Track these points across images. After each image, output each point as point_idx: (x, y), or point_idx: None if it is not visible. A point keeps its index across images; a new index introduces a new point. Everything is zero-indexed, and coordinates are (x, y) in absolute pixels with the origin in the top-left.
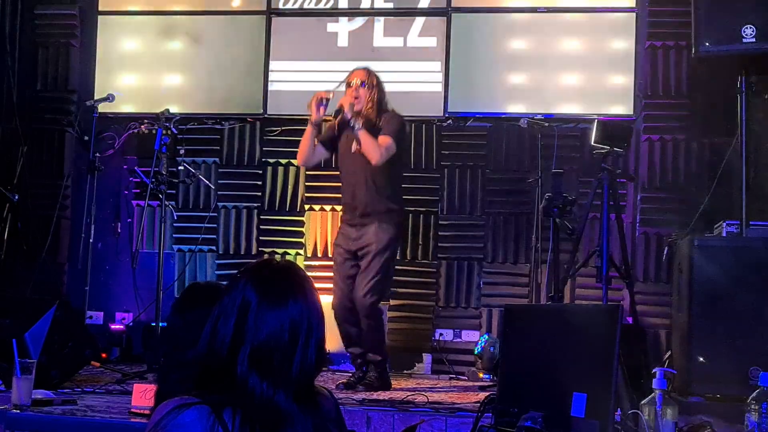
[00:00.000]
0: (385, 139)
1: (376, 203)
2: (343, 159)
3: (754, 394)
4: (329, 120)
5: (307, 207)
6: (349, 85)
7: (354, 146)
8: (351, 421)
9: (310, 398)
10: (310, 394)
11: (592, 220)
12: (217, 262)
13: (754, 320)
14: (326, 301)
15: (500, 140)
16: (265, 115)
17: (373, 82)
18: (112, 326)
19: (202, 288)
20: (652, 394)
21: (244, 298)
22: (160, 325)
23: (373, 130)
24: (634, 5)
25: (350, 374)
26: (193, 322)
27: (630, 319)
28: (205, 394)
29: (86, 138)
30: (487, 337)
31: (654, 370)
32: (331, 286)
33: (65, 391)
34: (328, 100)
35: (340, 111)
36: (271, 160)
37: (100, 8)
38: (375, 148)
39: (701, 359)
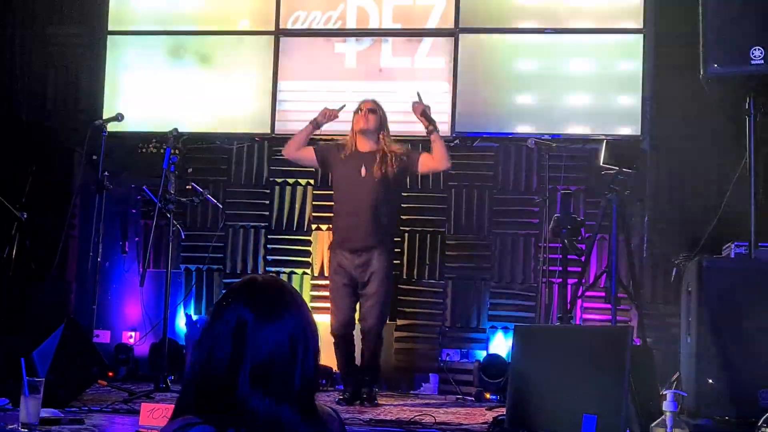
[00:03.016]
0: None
1: (382, 231)
2: (347, 185)
3: (764, 417)
4: (330, 141)
5: (314, 227)
6: (359, 111)
7: (364, 169)
8: None
9: (314, 414)
10: (314, 410)
11: (600, 240)
12: (224, 281)
13: (764, 342)
14: (320, 320)
15: (508, 160)
16: (273, 135)
17: (381, 113)
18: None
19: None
20: (663, 416)
21: (239, 318)
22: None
23: (386, 161)
24: (641, 26)
25: (341, 392)
26: None
27: (638, 340)
28: (207, 415)
29: (95, 157)
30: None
31: (664, 392)
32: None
33: (72, 410)
34: (335, 117)
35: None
36: (279, 180)
37: (110, 28)
38: (447, 153)
39: (710, 381)
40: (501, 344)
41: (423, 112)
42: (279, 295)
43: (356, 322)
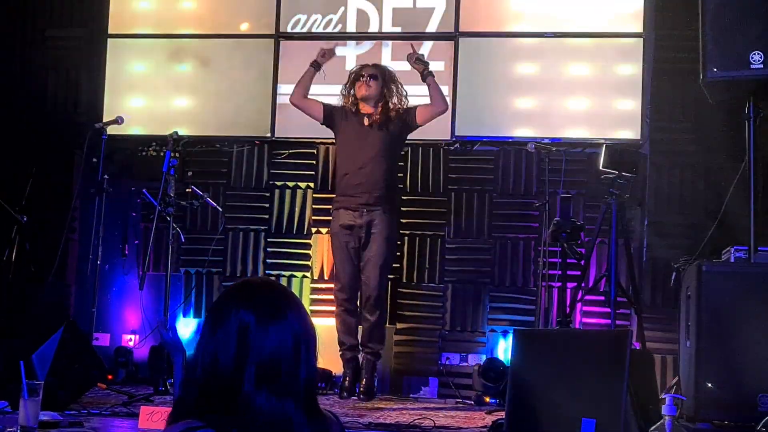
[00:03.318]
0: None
1: (386, 187)
2: (352, 141)
3: (763, 421)
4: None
5: (314, 230)
6: (359, 77)
7: (368, 128)
8: None
9: (318, 413)
10: (317, 409)
11: (600, 244)
12: (224, 284)
13: (763, 346)
14: (323, 323)
15: (508, 164)
16: (273, 138)
17: (385, 77)
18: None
19: None
20: (661, 421)
21: (240, 322)
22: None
23: (389, 119)
24: (641, 30)
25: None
26: None
27: (638, 345)
28: (209, 417)
29: (95, 160)
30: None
31: (663, 396)
32: (333, 308)
33: (72, 413)
34: (333, 54)
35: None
36: (279, 183)
37: (110, 31)
38: (443, 95)
39: (709, 385)
40: (500, 348)
41: (417, 59)
42: (278, 295)
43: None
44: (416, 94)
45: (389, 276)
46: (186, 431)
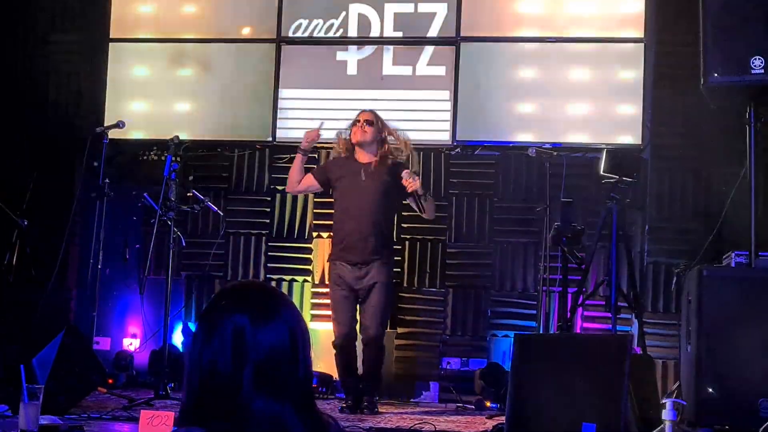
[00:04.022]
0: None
1: (383, 241)
2: (348, 196)
3: (763, 426)
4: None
5: (315, 234)
6: (355, 123)
7: (364, 179)
8: None
9: (316, 417)
10: (315, 413)
11: (601, 249)
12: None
13: (764, 351)
14: (324, 328)
15: (508, 169)
16: (274, 143)
17: (379, 124)
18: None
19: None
20: (662, 425)
21: (235, 325)
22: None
23: (386, 170)
24: (642, 36)
25: (343, 400)
26: None
27: (638, 349)
28: (212, 424)
29: (96, 164)
30: None
31: (664, 401)
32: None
33: (72, 417)
34: (318, 136)
35: (414, 191)
36: (280, 187)
37: (111, 36)
38: (433, 208)
39: (710, 390)
40: (501, 352)
41: (414, 192)
42: (269, 295)
43: (357, 333)
44: (413, 98)
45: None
46: None
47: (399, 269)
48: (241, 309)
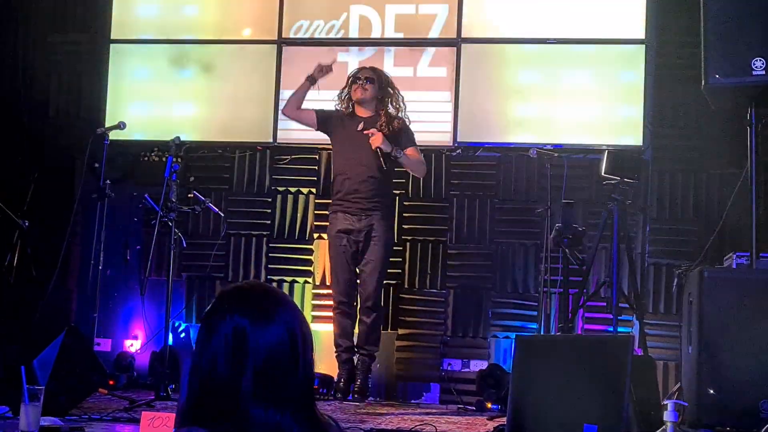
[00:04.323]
0: (417, 153)
1: (383, 192)
2: (348, 145)
3: (765, 428)
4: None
5: (316, 235)
6: (356, 80)
7: (365, 131)
8: None
9: (316, 419)
10: (315, 414)
11: (602, 250)
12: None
13: (765, 352)
14: (325, 329)
15: (509, 170)
16: (275, 144)
17: (383, 80)
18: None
19: None
20: (663, 427)
21: (235, 327)
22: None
23: (390, 136)
24: (643, 37)
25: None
26: None
27: (639, 351)
28: (212, 425)
29: (96, 165)
30: None
31: (665, 402)
32: (332, 314)
33: (73, 418)
34: (330, 70)
35: (379, 150)
36: (281, 189)
37: (112, 36)
38: (420, 165)
39: (711, 391)
40: (502, 354)
41: (378, 150)
42: (268, 295)
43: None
44: (414, 99)
45: (390, 282)
46: None
47: (399, 270)
48: (242, 310)
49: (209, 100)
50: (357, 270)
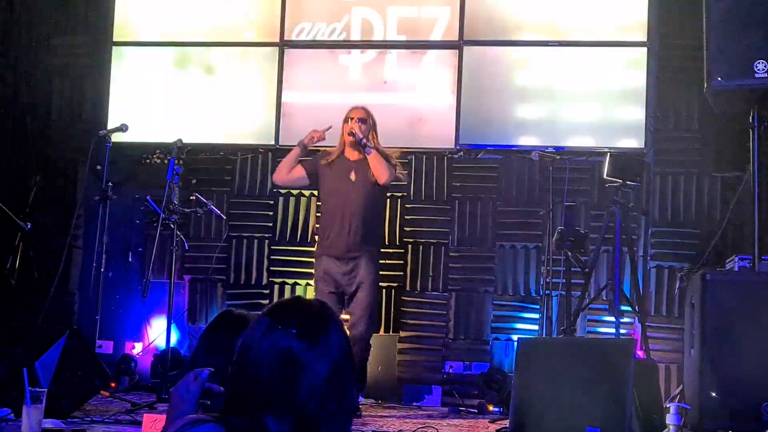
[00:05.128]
0: (388, 162)
1: (369, 238)
2: (336, 191)
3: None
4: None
5: (317, 238)
6: (348, 120)
7: (353, 176)
8: None
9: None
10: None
11: (604, 253)
12: (227, 292)
13: (767, 355)
14: None
15: (511, 173)
16: (277, 146)
17: (370, 121)
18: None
19: (232, 316)
20: (666, 430)
21: (289, 348)
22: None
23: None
24: (645, 40)
25: None
26: (215, 348)
27: (642, 353)
28: (224, 418)
29: (98, 167)
30: None
31: (667, 405)
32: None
33: (75, 420)
34: (323, 138)
35: (352, 134)
36: (283, 191)
37: (115, 39)
38: (386, 167)
39: (713, 394)
40: (504, 356)
41: (354, 142)
42: (321, 314)
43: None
44: (416, 102)
45: (392, 284)
46: (196, 422)
47: (401, 272)
48: (297, 332)
49: (211, 103)
50: (345, 309)
